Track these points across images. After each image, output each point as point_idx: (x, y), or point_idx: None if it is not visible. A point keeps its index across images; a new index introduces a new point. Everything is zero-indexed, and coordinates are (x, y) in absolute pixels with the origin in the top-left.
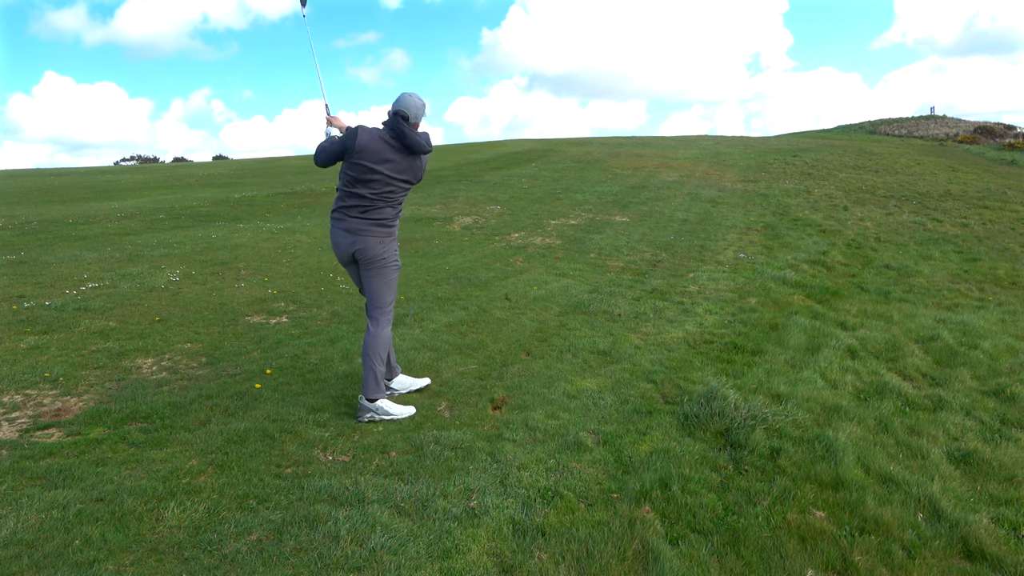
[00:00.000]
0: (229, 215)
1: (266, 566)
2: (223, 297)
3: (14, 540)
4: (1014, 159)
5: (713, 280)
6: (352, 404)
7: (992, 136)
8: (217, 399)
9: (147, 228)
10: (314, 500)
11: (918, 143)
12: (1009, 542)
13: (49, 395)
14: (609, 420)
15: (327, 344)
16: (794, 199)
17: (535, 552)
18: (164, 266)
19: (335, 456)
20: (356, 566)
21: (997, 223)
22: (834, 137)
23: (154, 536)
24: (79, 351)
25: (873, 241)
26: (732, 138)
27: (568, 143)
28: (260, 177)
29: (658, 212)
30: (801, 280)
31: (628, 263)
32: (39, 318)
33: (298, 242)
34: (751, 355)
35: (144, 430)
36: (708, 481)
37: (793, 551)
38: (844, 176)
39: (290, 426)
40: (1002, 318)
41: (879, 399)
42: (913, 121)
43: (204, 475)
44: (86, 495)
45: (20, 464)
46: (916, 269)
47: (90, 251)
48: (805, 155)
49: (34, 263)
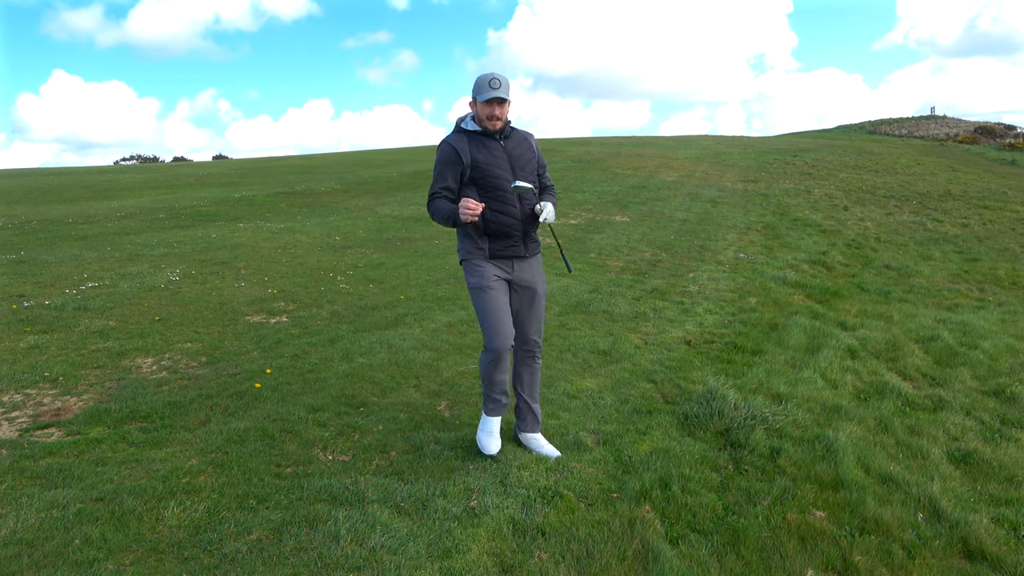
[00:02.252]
0: (229, 215)
1: (266, 566)
2: (223, 297)
3: (14, 539)
4: (1014, 159)
5: (713, 280)
6: (352, 403)
7: (992, 136)
8: (217, 399)
9: (147, 227)
10: (314, 500)
11: (918, 143)
12: (1009, 542)
13: (49, 394)
14: (609, 420)
15: (327, 344)
16: (794, 199)
17: (535, 552)
18: (164, 265)
19: (335, 456)
20: (356, 566)
21: (997, 223)
22: (834, 137)
23: (154, 536)
24: (79, 350)
25: (873, 241)
26: (732, 138)
27: (568, 143)
28: (260, 177)
29: (658, 212)
30: (801, 280)
31: (628, 263)
32: (39, 317)
33: (298, 242)
34: (751, 355)
35: (144, 429)
36: (708, 481)
37: (793, 551)
38: (844, 176)
39: (290, 426)
40: (1002, 318)
41: (879, 399)
42: (913, 121)
43: (204, 475)
44: (86, 494)
45: (20, 463)
46: (916, 269)
47: (90, 250)
48: (805, 155)
49: (34, 262)
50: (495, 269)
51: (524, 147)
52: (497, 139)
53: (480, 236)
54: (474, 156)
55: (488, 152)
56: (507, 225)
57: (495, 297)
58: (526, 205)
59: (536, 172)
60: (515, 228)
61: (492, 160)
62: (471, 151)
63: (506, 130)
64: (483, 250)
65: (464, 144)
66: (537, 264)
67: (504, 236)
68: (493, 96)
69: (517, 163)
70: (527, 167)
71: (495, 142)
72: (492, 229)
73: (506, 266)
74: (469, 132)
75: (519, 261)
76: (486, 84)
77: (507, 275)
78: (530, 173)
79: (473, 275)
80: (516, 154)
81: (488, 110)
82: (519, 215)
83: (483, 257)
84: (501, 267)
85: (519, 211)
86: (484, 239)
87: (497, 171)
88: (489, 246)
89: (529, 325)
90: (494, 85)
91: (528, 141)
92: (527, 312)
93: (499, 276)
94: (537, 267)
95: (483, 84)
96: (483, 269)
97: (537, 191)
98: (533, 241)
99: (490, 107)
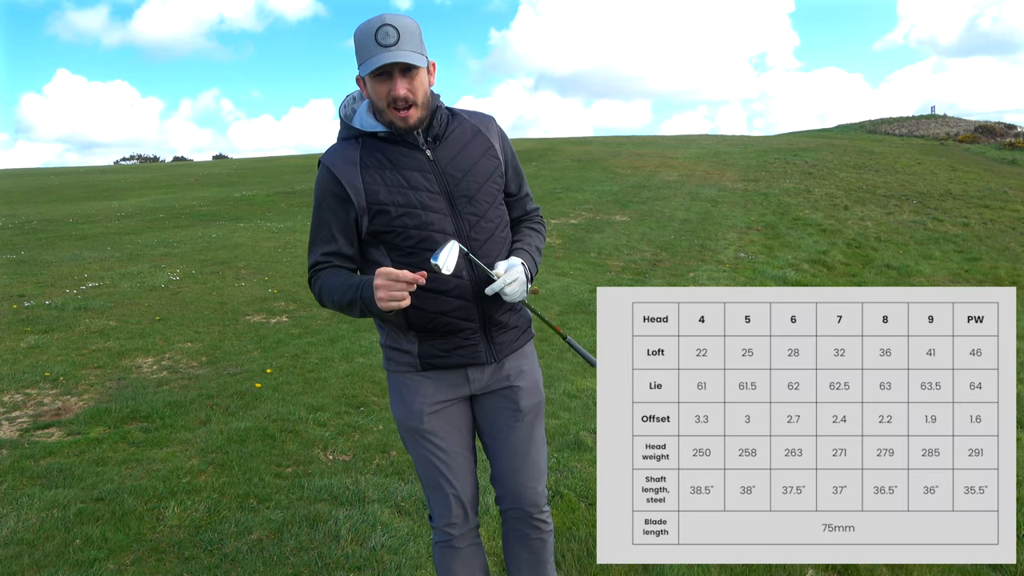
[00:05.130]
0: (229, 214)
1: (266, 565)
2: (223, 296)
3: (14, 539)
4: (1015, 158)
5: (713, 279)
6: (353, 403)
7: (993, 135)
8: (217, 398)
9: (147, 227)
10: (314, 499)
11: (919, 142)
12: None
13: (49, 394)
14: None
15: (327, 343)
16: (794, 198)
17: None
18: (164, 265)
19: (335, 455)
20: (356, 565)
21: (998, 223)
22: (834, 136)
23: (154, 535)
24: (79, 350)
25: (873, 240)
26: (732, 137)
27: (568, 142)
28: (260, 176)
29: (658, 211)
30: (801, 279)
31: (628, 262)
32: (39, 317)
33: (298, 241)
34: None
35: (144, 429)
36: None
37: None
38: (844, 175)
39: (290, 425)
40: None
41: None
42: (914, 121)
43: (204, 474)
44: (86, 494)
45: (20, 463)
46: (917, 269)
47: (90, 250)
48: (805, 154)
49: (34, 262)
50: (434, 389)
51: (473, 151)
52: (419, 144)
53: (403, 328)
54: (369, 187)
55: (400, 174)
56: (448, 311)
57: (437, 445)
58: (479, 268)
59: (500, 196)
60: (463, 314)
61: (406, 189)
62: (365, 177)
63: (436, 121)
64: (409, 353)
65: (354, 165)
66: (522, 363)
67: (445, 331)
68: (385, 63)
69: (459, 188)
70: (478, 194)
71: (415, 151)
72: (421, 320)
73: (455, 379)
74: (365, 135)
75: (479, 368)
76: (371, 39)
77: (459, 393)
78: (485, 206)
79: (396, 403)
80: (457, 169)
81: (384, 88)
82: (470, 289)
83: (411, 366)
84: (446, 381)
85: (469, 280)
86: (410, 333)
87: (419, 214)
88: (420, 347)
89: (516, 467)
90: (384, 38)
91: (482, 135)
92: (505, 442)
93: (443, 402)
94: (521, 368)
95: (366, 41)
96: (411, 392)
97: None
98: (507, 329)
99: (386, 83)
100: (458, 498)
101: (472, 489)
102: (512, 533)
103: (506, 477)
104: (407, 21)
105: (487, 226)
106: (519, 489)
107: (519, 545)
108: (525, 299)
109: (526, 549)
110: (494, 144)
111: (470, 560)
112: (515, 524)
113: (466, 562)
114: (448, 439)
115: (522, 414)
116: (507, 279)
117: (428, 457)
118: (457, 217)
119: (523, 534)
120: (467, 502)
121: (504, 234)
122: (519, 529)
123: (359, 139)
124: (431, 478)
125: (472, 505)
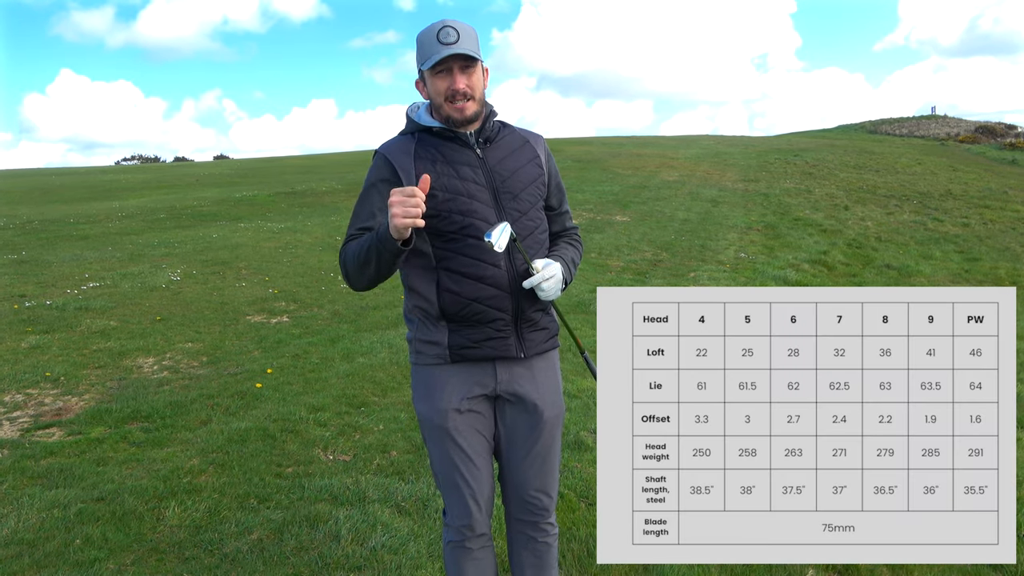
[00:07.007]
0: (230, 214)
1: (267, 565)
2: (224, 296)
3: (15, 539)
4: (1015, 159)
5: (714, 280)
6: (353, 403)
7: (993, 136)
8: (218, 398)
9: (148, 227)
10: (315, 499)
11: (919, 143)
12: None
13: (50, 394)
14: None
15: (328, 343)
16: (795, 198)
17: None
18: (165, 265)
19: (336, 455)
20: (357, 565)
21: (998, 223)
22: (835, 137)
23: (155, 535)
24: (80, 350)
25: (874, 240)
26: (733, 138)
27: (569, 142)
28: (261, 176)
29: (659, 212)
30: (802, 280)
31: (629, 263)
32: (40, 317)
33: (299, 241)
34: None
35: (145, 429)
36: None
37: None
38: (845, 176)
39: (291, 425)
40: None
41: None
42: (914, 121)
43: (205, 474)
44: (87, 494)
45: (21, 463)
46: (917, 269)
47: (91, 250)
48: (806, 155)
49: (35, 262)
50: (460, 384)
51: (520, 157)
52: (470, 142)
53: (434, 318)
54: (420, 171)
55: (450, 166)
56: (483, 298)
57: (458, 444)
58: (519, 260)
59: (541, 203)
60: (497, 304)
61: (454, 179)
62: (416, 164)
63: (488, 125)
64: (438, 344)
65: (408, 155)
66: (548, 370)
67: (476, 320)
68: (446, 55)
69: (504, 185)
70: (523, 193)
71: (466, 148)
72: (455, 306)
73: (482, 374)
74: (422, 130)
75: (507, 364)
76: (433, 39)
77: (485, 390)
78: (528, 205)
79: (421, 399)
80: (504, 168)
81: (444, 84)
82: (506, 279)
83: (439, 358)
84: (473, 377)
85: (506, 271)
86: (441, 323)
87: (465, 201)
88: (450, 338)
89: (527, 471)
90: (445, 37)
91: (530, 146)
92: (523, 449)
93: (469, 399)
94: (547, 375)
95: (428, 41)
96: (437, 387)
97: (541, 242)
98: (537, 328)
99: (447, 79)
100: (475, 499)
101: (489, 492)
102: (518, 536)
103: (519, 482)
104: (466, 25)
105: (528, 224)
106: (532, 495)
107: (524, 548)
108: (553, 297)
109: (531, 553)
110: (540, 155)
111: (482, 562)
112: (522, 528)
113: (478, 564)
114: (471, 440)
115: (543, 423)
116: (546, 274)
117: (450, 455)
118: (501, 211)
119: (529, 538)
120: (483, 504)
121: (543, 237)
122: (526, 533)
123: (415, 134)
124: (449, 477)
125: (488, 507)
